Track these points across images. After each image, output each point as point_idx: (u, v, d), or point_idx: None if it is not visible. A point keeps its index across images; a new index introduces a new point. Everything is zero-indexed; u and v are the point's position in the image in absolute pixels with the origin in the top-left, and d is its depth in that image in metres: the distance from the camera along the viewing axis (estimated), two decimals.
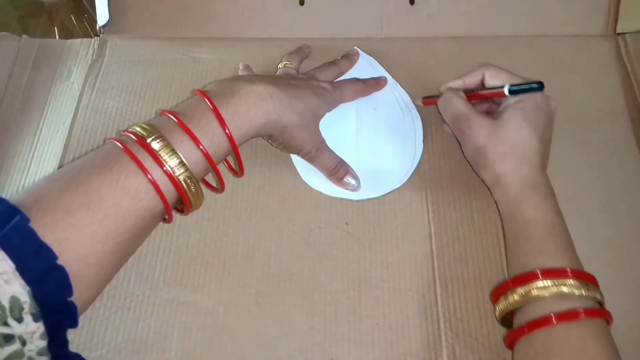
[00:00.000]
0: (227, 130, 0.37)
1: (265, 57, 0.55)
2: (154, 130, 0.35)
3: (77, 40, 0.57)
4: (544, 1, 0.55)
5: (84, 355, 0.39)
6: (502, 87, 0.43)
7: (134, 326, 0.41)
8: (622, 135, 0.49)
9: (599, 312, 0.34)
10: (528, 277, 0.35)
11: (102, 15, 0.56)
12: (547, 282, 0.34)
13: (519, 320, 0.36)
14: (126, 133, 0.36)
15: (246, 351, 0.40)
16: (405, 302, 0.42)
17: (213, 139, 0.37)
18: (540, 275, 0.35)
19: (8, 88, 0.53)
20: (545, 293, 0.34)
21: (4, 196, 0.32)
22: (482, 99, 0.45)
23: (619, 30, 0.55)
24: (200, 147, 0.36)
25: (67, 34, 0.62)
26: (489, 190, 0.44)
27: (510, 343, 0.37)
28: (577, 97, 0.51)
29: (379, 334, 0.40)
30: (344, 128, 0.49)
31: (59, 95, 0.53)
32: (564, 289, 0.34)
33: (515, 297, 0.35)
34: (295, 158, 0.48)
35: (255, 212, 0.46)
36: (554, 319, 0.33)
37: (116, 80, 0.53)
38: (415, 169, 0.47)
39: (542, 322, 0.34)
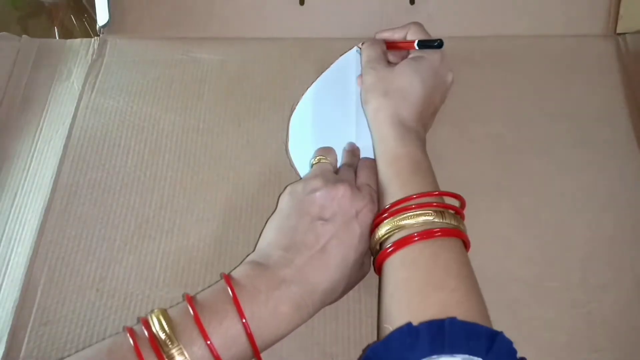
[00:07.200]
0: (248, 331, 0.34)
1: (265, 57, 0.55)
2: (172, 335, 0.33)
3: (77, 40, 0.57)
4: (544, 1, 0.55)
5: None
6: (414, 40, 0.48)
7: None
8: (622, 135, 0.49)
9: (454, 232, 0.37)
10: (399, 210, 0.38)
11: (102, 15, 0.56)
12: (414, 212, 0.37)
13: (386, 245, 0.38)
14: (145, 324, 0.34)
15: None
16: None
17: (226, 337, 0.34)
18: (408, 206, 0.38)
19: (8, 88, 0.53)
20: (411, 221, 0.37)
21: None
22: (397, 49, 0.50)
23: (619, 30, 0.55)
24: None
25: (67, 34, 0.62)
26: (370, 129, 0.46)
27: (378, 267, 0.39)
28: (577, 97, 0.51)
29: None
30: (344, 124, 0.49)
31: (58, 95, 0.53)
32: (428, 217, 0.37)
33: (385, 228, 0.38)
34: (295, 158, 0.48)
35: (255, 212, 0.46)
36: (414, 238, 0.36)
37: (116, 80, 0.53)
38: None
39: (404, 241, 0.36)
